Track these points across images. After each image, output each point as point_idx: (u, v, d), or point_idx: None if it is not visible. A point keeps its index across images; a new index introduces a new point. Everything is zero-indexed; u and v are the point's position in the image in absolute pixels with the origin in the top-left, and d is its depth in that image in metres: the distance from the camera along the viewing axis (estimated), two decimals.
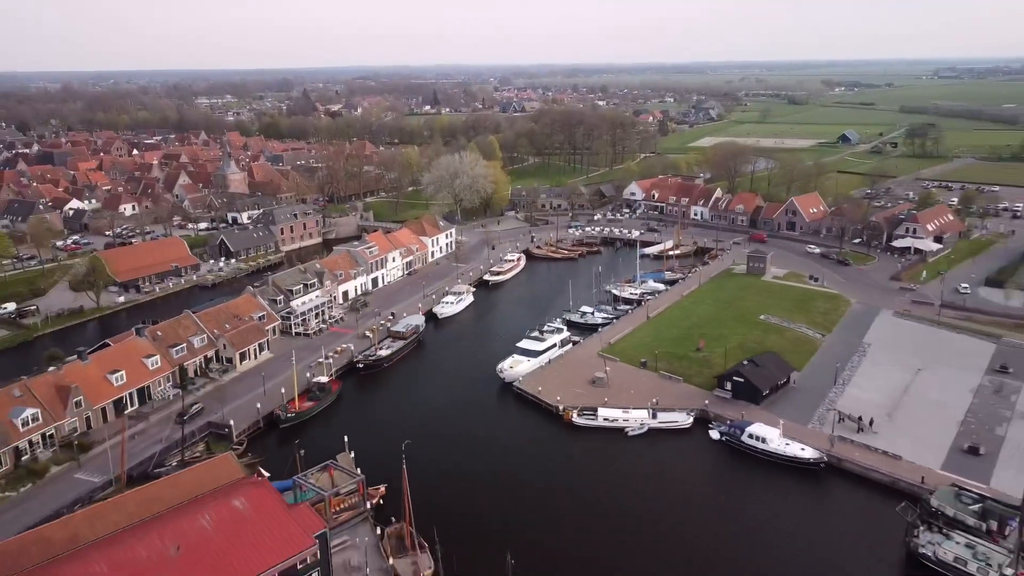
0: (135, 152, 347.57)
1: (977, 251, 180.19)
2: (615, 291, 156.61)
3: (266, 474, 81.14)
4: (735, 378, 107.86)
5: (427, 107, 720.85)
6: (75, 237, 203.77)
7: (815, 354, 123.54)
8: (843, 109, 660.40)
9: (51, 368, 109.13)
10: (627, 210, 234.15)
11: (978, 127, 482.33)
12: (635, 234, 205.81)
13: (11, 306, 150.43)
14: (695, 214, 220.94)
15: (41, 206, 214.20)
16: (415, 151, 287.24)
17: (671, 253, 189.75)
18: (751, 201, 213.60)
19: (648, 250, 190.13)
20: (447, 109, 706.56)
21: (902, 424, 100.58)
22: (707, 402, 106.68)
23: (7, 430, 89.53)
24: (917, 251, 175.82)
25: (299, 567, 67.56)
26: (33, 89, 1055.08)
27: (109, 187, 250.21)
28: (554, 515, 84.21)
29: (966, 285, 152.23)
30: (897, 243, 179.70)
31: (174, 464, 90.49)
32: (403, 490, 76.95)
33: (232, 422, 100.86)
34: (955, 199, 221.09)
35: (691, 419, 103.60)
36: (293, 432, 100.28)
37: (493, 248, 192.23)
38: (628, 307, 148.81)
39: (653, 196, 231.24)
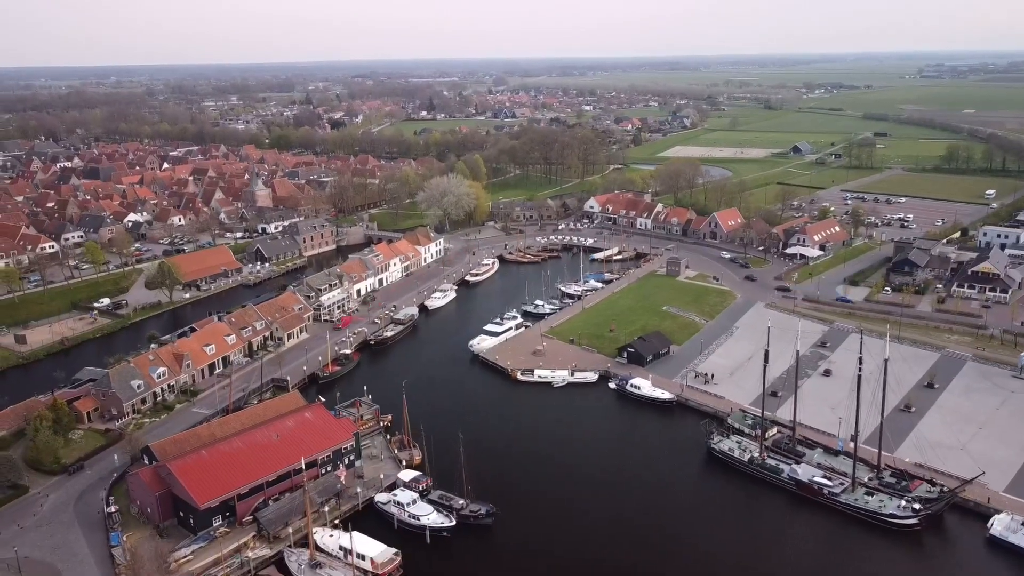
0: (166, 165, 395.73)
1: (852, 256, 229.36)
2: (563, 288, 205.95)
3: (322, 399, 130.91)
4: (628, 349, 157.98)
5: (424, 113, 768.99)
6: (137, 245, 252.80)
7: (696, 334, 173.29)
8: (811, 115, 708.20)
9: (153, 345, 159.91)
10: (586, 221, 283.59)
11: (925, 135, 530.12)
12: (589, 242, 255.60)
13: (107, 300, 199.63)
14: (640, 225, 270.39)
15: (107, 219, 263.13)
16: (412, 168, 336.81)
17: (615, 257, 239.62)
18: (683, 215, 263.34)
19: (597, 255, 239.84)
20: (442, 115, 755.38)
21: (737, 379, 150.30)
22: (609, 365, 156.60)
23: (148, 380, 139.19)
24: (802, 257, 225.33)
25: (343, 451, 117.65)
26: (41, 91, 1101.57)
27: (156, 201, 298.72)
28: (501, 431, 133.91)
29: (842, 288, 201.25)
30: (789, 250, 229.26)
31: (255, 402, 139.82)
32: (403, 414, 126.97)
33: (288, 378, 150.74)
34: (847, 212, 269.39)
35: (596, 376, 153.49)
36: (328, 386, 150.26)
37: (473, 254, 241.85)
38: (571, 300, 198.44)
39: (607, 209, 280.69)
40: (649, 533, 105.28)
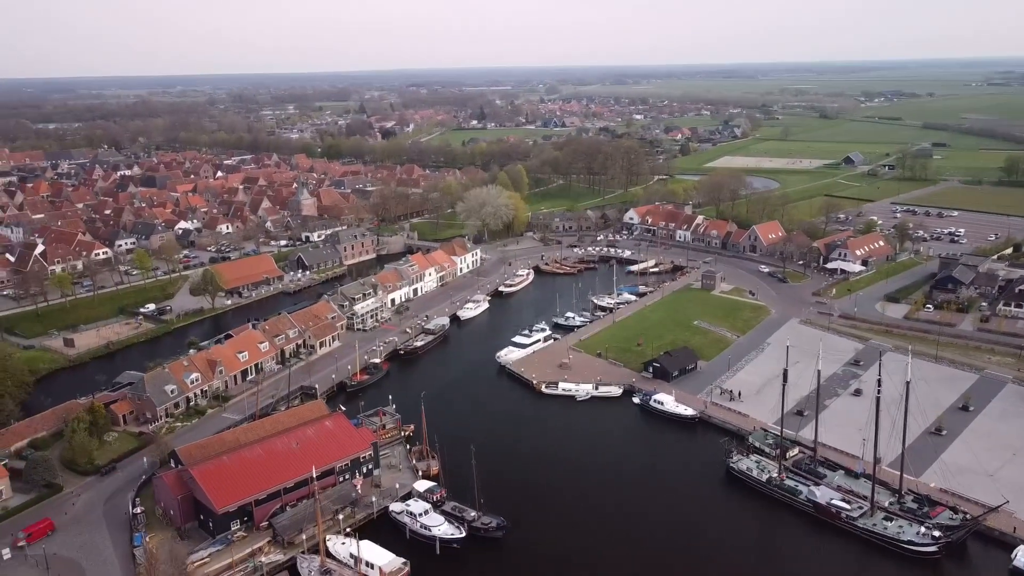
0: (219, 174, 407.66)
1: (896, 272, 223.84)
2: (596, 300, 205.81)
3: (343, 409, 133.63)
4: (654, 364, 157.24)
5: (474, 122, 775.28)
6: (185, 252, 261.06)
7: (726, 349, 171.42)
8: (868, 125, 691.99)
9: (192, 351, 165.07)
10: (625, 232, 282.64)
11: (986, 146, 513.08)
12: (626, 254, 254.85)
13: (152, 306, 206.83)
14: (680, 237, 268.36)
15: (159, 227, 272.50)
16: (455, 179, 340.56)
17: (651, 270, 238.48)
18: (723, 227, 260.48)
19: (633, 267, 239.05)
20: (493, 124, 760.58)
21: (763, 397, 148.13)
22: (634, 380, 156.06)
23: (182, 385, 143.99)
24: (843, 272, 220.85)
25: (361, 460, 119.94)
26: (111, 100, 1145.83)
27: (206, 209, 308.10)
28: (521, 444, 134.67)
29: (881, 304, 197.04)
30: (829, 265, 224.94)
31: (282, 409, 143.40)
32: (422, 424, 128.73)
33: (317, 385, 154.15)
34: (894, 226, 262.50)
35: (621, 390, 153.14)
36: (356, 394, 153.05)
37: (509, 265, 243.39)
38: (603, 313, 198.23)
39: (647, 221, 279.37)
40: (663, 554, 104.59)
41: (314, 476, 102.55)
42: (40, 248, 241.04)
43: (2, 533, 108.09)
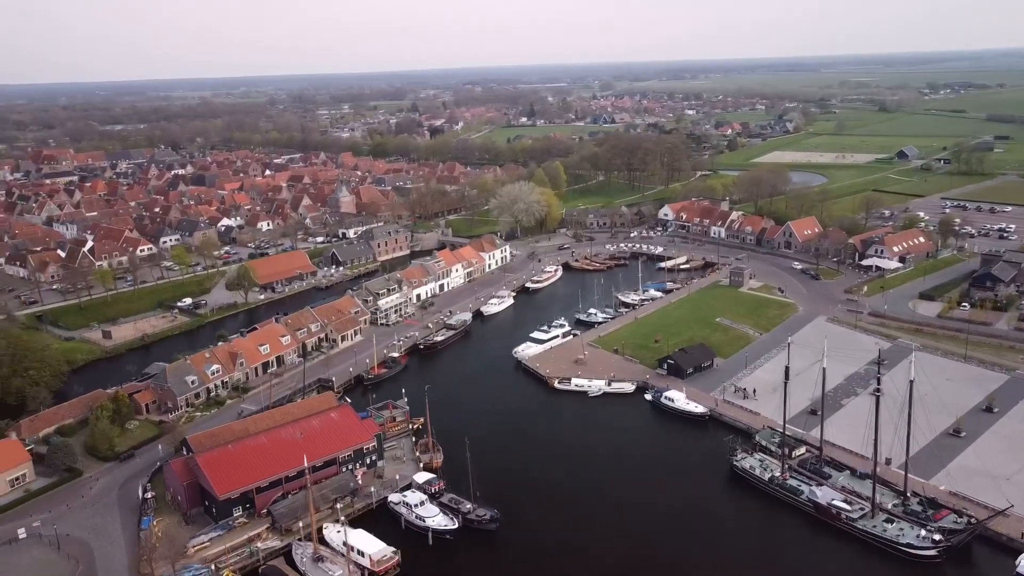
0: (267, 172, 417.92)
1: (935, 269, 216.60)
2: (621, 297, 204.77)
3: (348, 401, 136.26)
4: (668, 361, 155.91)
5: (524, 119, 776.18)
6: (226, 248, 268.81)
7: (746, 347, 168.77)
8: (930, 118, 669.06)
9: (220, 343, 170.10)
10: (660, 229, 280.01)
11: None
12: (659, 250, 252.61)
13: (188, 300, 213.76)
14: (714, 233, 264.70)
15: (202, 224, 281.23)
16: (492, 176, 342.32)
17: (682, 266, 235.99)
18: (758, 223, 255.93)
19: (664, 264, 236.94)
20: (542, 121, 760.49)
21: (779, 395, 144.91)
22: (647, 376, 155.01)
23: (203, 377, 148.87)
24: (878, 269, 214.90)
25: (365, 451, 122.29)
26: (176, 102, 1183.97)
27: (249, 207, 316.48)
28: (529, 438, 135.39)
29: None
30: (864, 262, 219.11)
31: (297, 400, 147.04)
32: (426, 417, 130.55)
33: (334, 378, 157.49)
34: (936, 221, 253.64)
35: (633, 387, 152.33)
36: (373, 387, 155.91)
37: (539, 261, 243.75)
38: (627, 309, 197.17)
39: (681, 217, 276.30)
40: (656, 551, 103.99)
41: (307, 466, 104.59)
42: (89, 244, 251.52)
43: (25, 514, 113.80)
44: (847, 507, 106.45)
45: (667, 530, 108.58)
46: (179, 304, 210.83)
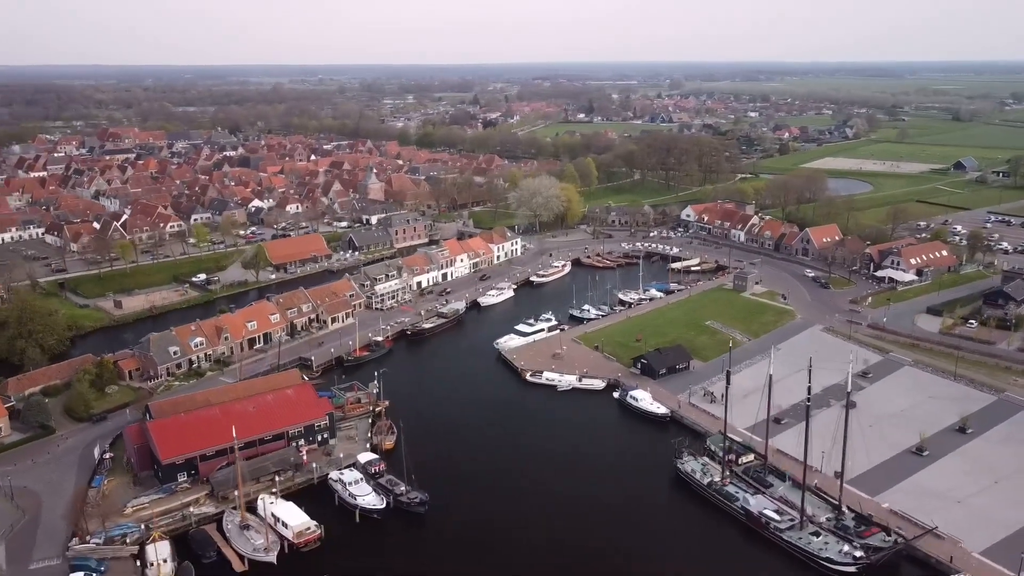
0: (312, 157, 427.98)
1: (953, 284, 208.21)
2: (620, 295, 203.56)
3: (306, 379, 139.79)
4: (642, 360, 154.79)
5: (581, 115, 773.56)
6: (253, 228, 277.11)
7: (730, 352, 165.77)
8: (1005, 129, 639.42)
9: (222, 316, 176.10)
10: (681, 230, 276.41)
11: None
12: (674, 251, 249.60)
13: (203, 276, 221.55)
14: (734, 237, 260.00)
15: (232, 204, 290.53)
16: (520, 169, 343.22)
17: (693, 268, 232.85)
18: (777, 228, 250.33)
19: (675, 264, 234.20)
20: (599, 118, 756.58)
21: (749, 401, 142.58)
22: (619, 374, 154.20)
23: (187, 348, 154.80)
24: (891, 280, 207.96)
25: (316, 427, 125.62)
26: (250, 87, 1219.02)
27: (283, 190, 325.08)
28: (487, 427, 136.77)
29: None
30: (879, 273, 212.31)
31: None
32: (380, 400, 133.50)
33: (313, 358, 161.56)
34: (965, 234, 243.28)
35: (604, 384, 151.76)
36: (353, 369, 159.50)
37: (550, 256, 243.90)
38: (621, 308, 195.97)
39: (703, 219, 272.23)
40: (583, 544, 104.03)
41: (235, 441, 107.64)
42: (124, 218, 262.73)
43: (1, 463, 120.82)
44: (776, 517, 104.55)
45: (596, 524, 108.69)
46: (192, 279, 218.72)
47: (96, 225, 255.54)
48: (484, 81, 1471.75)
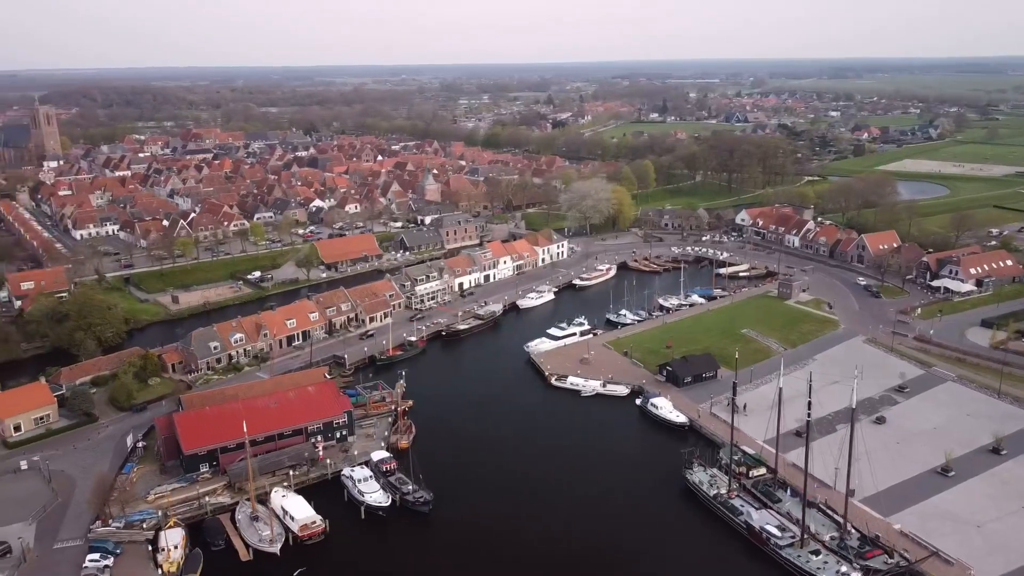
0: (379, 158, 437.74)
1: (1017, 296, 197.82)
2: (661, 300, 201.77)
3: (328, 377, 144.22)
4: (667, 368, 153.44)
5: (654, 115, 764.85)
6: (312, 227, 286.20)
7: (762, 361, 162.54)
8: None
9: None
10: (734, 234, 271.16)
11: None
12: (724, 255, 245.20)
13: (257, 273, 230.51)
14: (788, 242, 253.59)
15: (293, 203, 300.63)
16: (578, 171, 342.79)
17: (742, 274, 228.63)
18: (832, 234, 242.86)
19: (722, 270, 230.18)
20: (673, 118, 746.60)
21: (768, 411, 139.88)
22: (644, 381, 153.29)
23: (226, 344, 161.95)
24: (947, 291, 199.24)
25: (335, 424, 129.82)
26: (332, 88, 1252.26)
27: (345, 189, 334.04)
28: (504, 429, 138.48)
29: None
30: (934, 282, 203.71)
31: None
32: (399, 399, 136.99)
33: (346, 356, 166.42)
34: None
35: (628, 390, 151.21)
36: (384, 368, 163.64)
37: (596, 259, 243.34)
38: (659, 313, 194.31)
39: (758, 223, 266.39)
40: (578, 550, 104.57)
41: (246, 437, 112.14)
42: (191, 217, 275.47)
43: (40, 449, 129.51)
44: (776, 533, 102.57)
45: (598, 531, 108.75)
46: (247, 276, 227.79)
47: (165, 223, 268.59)
48: (562, 80, 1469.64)
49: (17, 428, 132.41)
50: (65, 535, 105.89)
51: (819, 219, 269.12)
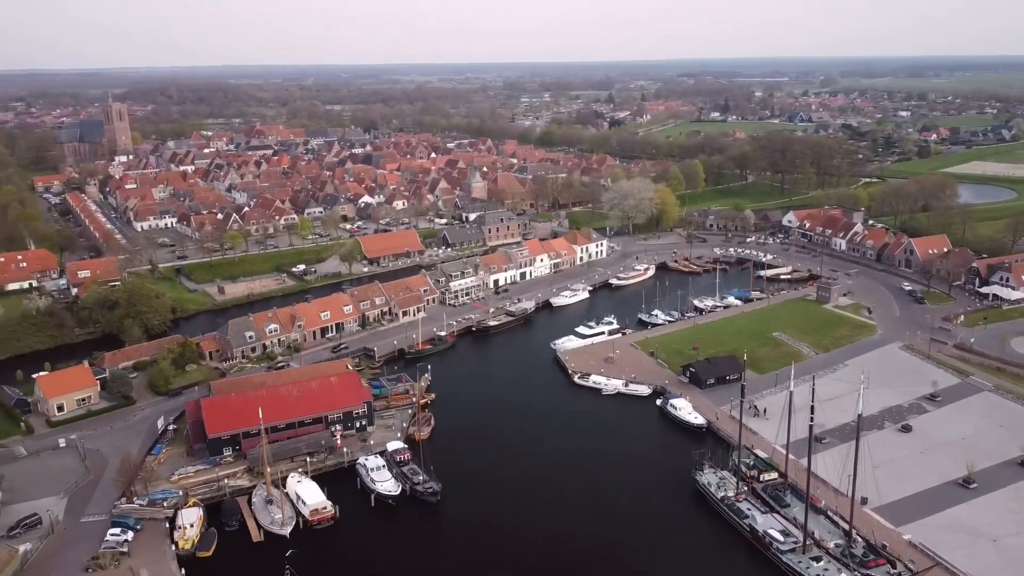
0: (433, 155, 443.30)
1: None
2: (696, 301, 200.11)
3: (351, 368, 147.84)
4: (690, 369, 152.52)
5: (715, 114, 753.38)
6: (359, 223, 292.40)
7: (790, 365, 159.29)
8: None
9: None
10: (780, 235, 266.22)
11: None
12: (767, 257, 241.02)
13: (302, 266, 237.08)
14: (835, 245, 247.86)
15: (342, 199, 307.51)
16: (627, 170, 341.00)
17: (783, 276, 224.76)
18: (880, 237, 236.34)
19: (763, 272, 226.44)
20: (734, 117, 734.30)
21: (794, 418, 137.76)
22: (666, 381, 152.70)
23: (261, 334, 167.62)
24: (996, 298, 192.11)
25: (355, 414, 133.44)
26: (399, 87, 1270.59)
27: (395, 186, 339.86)
28: (522, 424, 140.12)
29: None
30: (984, 289, 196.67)
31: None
32: (417, 395, 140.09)
33: (376, 348, 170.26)
34: None
35: (649, 390, 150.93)
36: (412, 361, 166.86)
37: (636, 258, 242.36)
38: (693, 314, 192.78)
39: (804, 225, 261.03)
40: (579, 549, 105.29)
41: (262, 425, 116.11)
42: (244, 211, 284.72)
43: (80, 428, 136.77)
44: (779, 538, 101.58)
45: (602, 528, 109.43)
46: (293, 269, 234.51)
47: (219, 216, 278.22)
48: (627, 78, 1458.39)
49: (60, 408, 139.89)
50: (92, 510, 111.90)
51: (870, 222, 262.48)
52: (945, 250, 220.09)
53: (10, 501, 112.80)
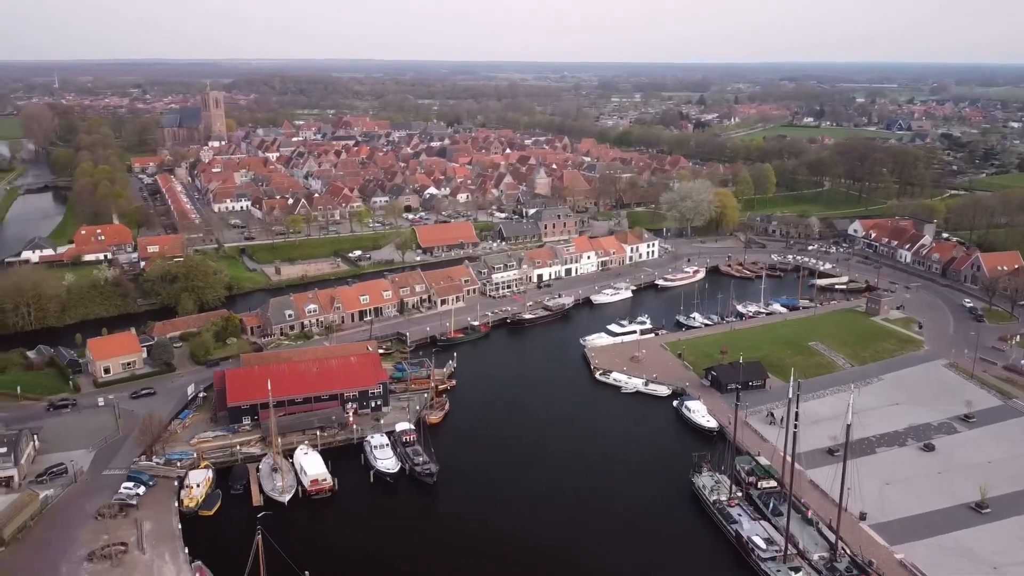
0: (507, 151, 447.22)
1: None
2: (739, 307, 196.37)
3: (371, 349, 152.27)
4: (712, 373, 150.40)
5: (808, 119, 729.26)
6: (422, 213, 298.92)
7: (821, 376, 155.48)
8: None
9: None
10: (845, 245, 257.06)
11: None
12: (826, 266, 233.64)
13: (357, 252, 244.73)
14: (900, 257, 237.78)
15: (408, 190, 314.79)
16: (691, 172, 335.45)
17: (838, 286, 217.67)
18: (948, 251, 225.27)
19: (817, 281, 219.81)
20: (828, 123, 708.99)
21: (815, 429, 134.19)
22: (688, 384, 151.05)
23: (300, 313, 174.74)
24: None
25: (370, 394, 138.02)
26: (492, 84, 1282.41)
27: (462, 179, 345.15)
28: (540, 415, 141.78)
29: None
30: None
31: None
32: (433, 379, 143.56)
33: (408, 334, 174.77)
34: None
35: (669, 391, 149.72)
36: (444, 349, 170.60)
37: (688, 260, 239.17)
38: (733, 319, 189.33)
39: (870, 235, 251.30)
40: (561, 545, 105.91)
41: (271, 399, 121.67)
42: (314, 197, 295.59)
43: (123, 389, 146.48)
44: (761, 545, 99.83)
45: (593, 525, 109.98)
46: (348, 255, 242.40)
47: (290, 201, 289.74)
48: (725, 80, 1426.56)
49: (107, 370, 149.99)
50: (116, 464, 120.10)
51: (944, 235, 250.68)
52: (1016, 267, 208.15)
53: (44, 451, 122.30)
